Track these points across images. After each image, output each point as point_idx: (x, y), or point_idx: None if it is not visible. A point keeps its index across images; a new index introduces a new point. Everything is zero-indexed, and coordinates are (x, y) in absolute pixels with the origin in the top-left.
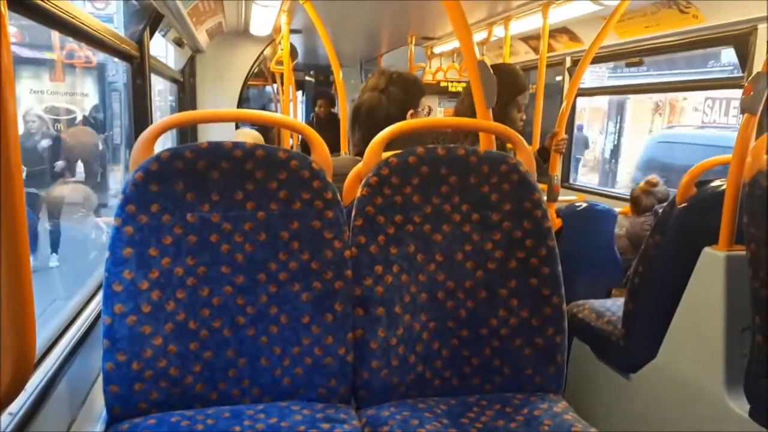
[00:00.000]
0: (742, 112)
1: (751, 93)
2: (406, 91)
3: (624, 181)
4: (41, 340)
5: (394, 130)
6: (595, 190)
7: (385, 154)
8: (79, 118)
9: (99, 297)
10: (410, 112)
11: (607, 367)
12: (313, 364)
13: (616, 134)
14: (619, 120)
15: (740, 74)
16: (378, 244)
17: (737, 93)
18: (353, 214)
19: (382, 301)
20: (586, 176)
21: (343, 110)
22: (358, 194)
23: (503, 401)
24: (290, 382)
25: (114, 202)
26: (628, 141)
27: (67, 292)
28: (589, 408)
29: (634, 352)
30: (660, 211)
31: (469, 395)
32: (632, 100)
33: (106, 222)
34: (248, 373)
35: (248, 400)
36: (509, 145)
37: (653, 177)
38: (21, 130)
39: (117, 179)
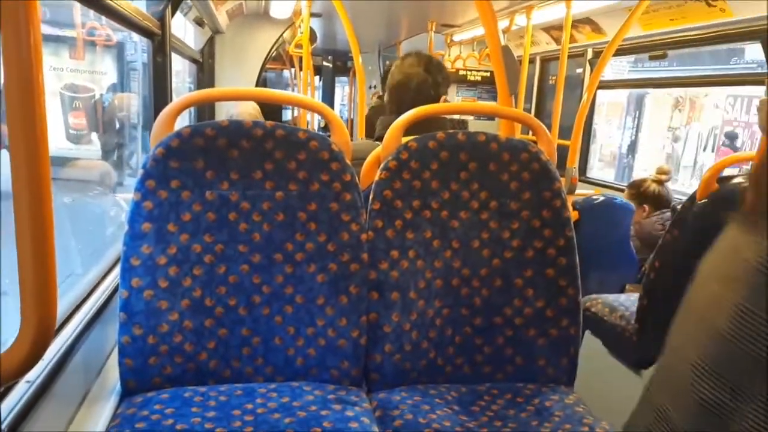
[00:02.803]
0: None
1: None
2: (443, 76)
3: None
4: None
5: (417, 114)
6: (612, 185)
7: (404, 139)
8: (97, 96)
9: (116, 271)
10: (444, 98)
11: (619, 361)
12: (326, 346)
13: (634, 129)
14: (637, 115)
15: (765, 71)
16: (395, 228)
17: (759, 91)
18: (371, 197)
19: (396, 286)
20: (602, 171)
21: (361, 95)
22: (377, 178)
23: (514, 391)
24: (303, 362)
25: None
26: (646, 136)
27: None
28: (599, 402)
29: (646, 347)
30: (678, 207)
31: (481, 383)
32: (651, 96)
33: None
34: (262, 351)
35: (261, 378)
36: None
37: (664, 166)
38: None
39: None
